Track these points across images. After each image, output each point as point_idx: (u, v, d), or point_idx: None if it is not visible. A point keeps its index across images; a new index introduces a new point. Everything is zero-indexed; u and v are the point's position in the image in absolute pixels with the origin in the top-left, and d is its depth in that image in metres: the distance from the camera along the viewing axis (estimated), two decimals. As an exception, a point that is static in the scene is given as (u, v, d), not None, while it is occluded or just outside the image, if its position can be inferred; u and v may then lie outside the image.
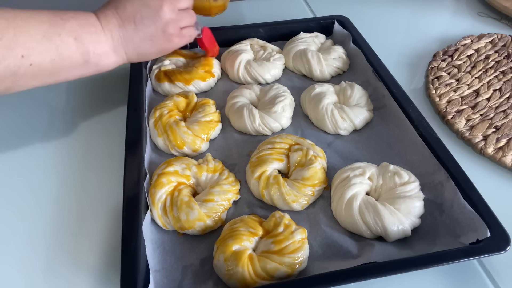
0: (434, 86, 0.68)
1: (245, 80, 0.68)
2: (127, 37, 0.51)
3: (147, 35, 0.52)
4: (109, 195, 0.53)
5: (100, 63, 0.50)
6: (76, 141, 0.61)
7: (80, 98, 0.68)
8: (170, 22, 0.53)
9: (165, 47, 0.55)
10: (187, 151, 0.56)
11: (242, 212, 0.50)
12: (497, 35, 0.79)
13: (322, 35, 0.76)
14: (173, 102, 0.60)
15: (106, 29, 0.49)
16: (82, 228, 0.50)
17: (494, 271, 0.46)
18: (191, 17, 0.57)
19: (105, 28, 0.49)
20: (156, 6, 0.51)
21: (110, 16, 0.49)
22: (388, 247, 0.45)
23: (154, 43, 0.53)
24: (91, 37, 0.47)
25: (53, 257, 0.47)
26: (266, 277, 0.42)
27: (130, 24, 0.50)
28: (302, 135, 0.60)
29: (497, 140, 0.59)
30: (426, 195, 0.49)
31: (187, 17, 0.56)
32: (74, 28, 0.46)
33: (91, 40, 0.48)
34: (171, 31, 0.53)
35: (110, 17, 0.49)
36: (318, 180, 0.50)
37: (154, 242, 0.47)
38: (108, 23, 0.49)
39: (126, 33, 0.50)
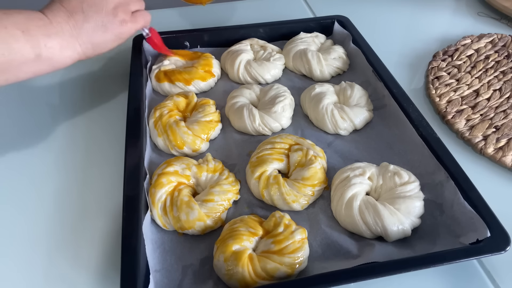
0: (434, 86, 0.68)
1: (245, 80, 0.68)
2: (78, 27, 0.49)
3: (98, 22, 0.50)
4: (109, 195, 0.53)
5: (54, 58, 0.47)
6: (76, 141, 0.61)
7: (80, 98, 0.68)
8: (119, 5, 0.52)
9: (119, 32, 0.53)
10: (187, 151, 0.56)
11: (242, 212, 0.50)
12: (497, 35, 0.79)
13: (322, 35, 0.76)
14: (173, 102, 0.60)
15: (54, 22, 0.47)
16: (82, 228, 0.50)
17: (494, 271, 0.46)
18: (139, 2, 0.56)
19: (53, 21, 0.47)
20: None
21: (56, 10, 0.48)
22: (388, 247, 0.45)
23: (107, 30, 0.51)
24: (40, 29, 0.45)
25: (53, 257, 0.47)
26: (266, 277, 0.42)
27: (78, 14, 0.49)
28: (302, 135, 0.60)
29: (497, 140, 0.59)
30: (426, 195, 0.49)
31: (135, 2, 0.55)
32: (20, 21, 0.44)
33: (41, 33, 0.45)
34: (121, 15, 0.52)
35: (56, 11, 0.48)
36: (318, 180, 0.50)
37: (154, 242, 0.47)
38: (55, 16, 0.47)
39: (76, 24, 0.48)
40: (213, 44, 0.75)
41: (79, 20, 0.49)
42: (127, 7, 0.53)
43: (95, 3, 0.50)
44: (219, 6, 0.91)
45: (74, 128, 0.63)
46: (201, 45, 0.75)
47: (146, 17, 0.57)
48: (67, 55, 0.49)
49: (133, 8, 0.55)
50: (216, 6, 0.91)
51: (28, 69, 0.46)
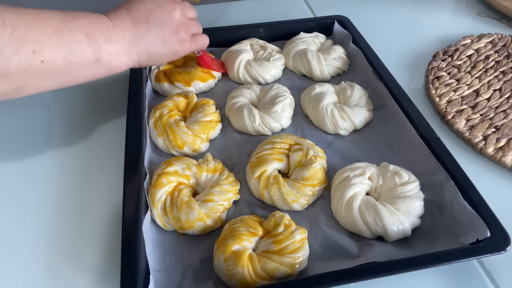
0: (434, 86, 0.68)
1: (245, 80, 0.68)
2: (140, 36, 0.50)
3: (159, 36, 0.52)
4: (109, 195, 0.53)
5: (112, 63, 0.48)
6: (76, 141, 0.61)
7: (80, 98, 0.68)
8: (182, 25, 0.54)
9: (176, 50, 0.54)
10: (187, 151, 0.56)
11: (242, 212, 0.50)
12: (497, 35, 0.79)
13: (322, 35, 0.76)
14: (173, 102, 0.60)
15: (118, 28, 0.48)
16: (82, 228, 0.50)
17: (494, 271, 0.46)
18: (199, 26, 0.59)
19: (117, 27, 0.48)
20: (169, 9, 0.52)
21: (122, 16, 0.49)
22: (388, 247, 0.45)
23: (166, 44, 0.53)
24: (103, 34, 0.46)
25: (53, 257, 0.47)
26: (266, 277, 0.42)
27: (143, 24, 0.50)
28: (302, 135, 0.60)
29: (497, 140, 0.59)
30: (426, 195, 0.49)
31: (196, 25, 0.58)
32: (85, 25, 0.45)
33: (103, 38, 0.46)
34: (182, 34, 0.54)
35: (122, 18, 0.49)
36: (318, 180, 0.50)
37: (154, 242, 0.47)
38: (120, 22, 0.48)
39: (139, 33, 0.50)
40: (213, 44, 0.75)
41: (142, 30, 0.50)
42: (189, 28, 0.55)
43: (161, 18, 0.51)
44: (219, 6, 0.92)
45: (74, 128, 0.63)
46: (201, 45, 0.75)
47: (204, 41, 0.60)
48: (124, 61, 0.50)
49: (193, 30, 0.57)
50: (216, 6, 0.91)
51: (88, 72, 0.47)
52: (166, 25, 0.52)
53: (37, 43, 0.40)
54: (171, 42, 0.53)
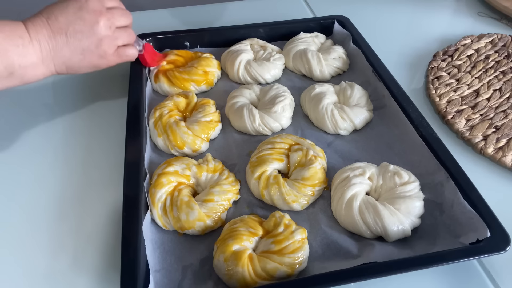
0: (434, 86, 0.68)
1: (245, 80, 0.68)
2: (57, 49, 0.49)
3: (77, 49, 0.50)
4: (109, 195, 0.53)
5: (25, 76, 0.48)
6: (76, 141, 0.61)
7: (80, 98, 0.68)
8: (105, 38, 0.51)
9: (97, 63, 0.53)
10: (187, 151, 0.56)
11: (242, 212, 0.50)
12: (497, 35, 0.79)
13: (322, 35, 0.76)
14: (173, 102, 0.60)
15: (34, 40, 0.47)
16: (82, 228, 0.50)
17: (494, 271, 0.46)
18: (129, 36, 0.56)
19: (33, 39, 0.47)
20: (92, 21, 0.50)
21: (40, 26, 0.48)
22: (388, 247, 0.45)
23: (85, 58, 0.51)
24: (17, 49, 0.46)
25: (53, 257, 0.47)
26: (266, 277, 0.42)
27: (61, 36, 0.48)
28: (302, 135, 0.60)
29: (497, 140, 0.59)
30: (426, 195, 0.49)
31: (125, 36, 0.55)
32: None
33: (17, 53, 0.46)
34: (105, 48, 0.52)
35: (39, 27, 0.47)
36: (318, 180, 0.50)
37: (154, 242, 0.47)
38: (37, 33, 0.47)
39: (56, 45, 0.48)
40: (213, 44, 0.75)
41: (60, 43, 0.49)
42: (114, 41, 0.53)
43: (81, 31, 0.49)
44: (219, 6, 0.92)
45: (74, 129, 0.63)
46: (201, 45, 0.75)
47: (130, 53, 0.57)
48: (40, 72, 0.49)
49: (120, 43, 0.54)
50: (216, 6, 0.91)
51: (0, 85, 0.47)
52: (87, 39, 0.50)
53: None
54: (91, 56, 0.51)
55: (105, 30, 0.51)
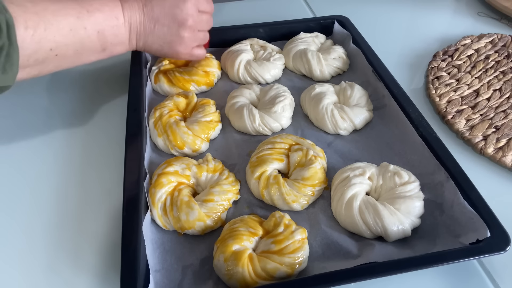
0: (434, 86, 0.68)
1: (245, 80, 0.68)
2: (143, 34, 0.54)
3: (160, 40, 0.55)
4: (109, 195, 0.53)
5: (114, 51, 0.53)
6: (76, 141, 0.61)
7: (80, 98, 0.68)
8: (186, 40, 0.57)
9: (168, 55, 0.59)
10: (187, 151, 0.56)
11: (242, 212, 0.50)
12: (497, 35, 0.79)
13: (322, 35, 0.76)
14: (173, 102, 0.60)
15: (127, 23, 0.52)
16: (82, 228, 0.50)
17: (494, 271, 0.46)
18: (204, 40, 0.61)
19: (126, 21, 0.52)
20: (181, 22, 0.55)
21: (136, 10, 0.52)
22: (388, 247, 0.45)
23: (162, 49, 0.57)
24: (112, 30, 0.50)
25: (53, 257, 0.47)
26: (266, 277, 0.42)
27: (150, 25, 0.53)
28: (302, 135, 0.60)
29: (497, 140, 0.59)
30: (426, 195, 0.49)
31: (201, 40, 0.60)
32: (99, 21, 0.49)
33: (111, 33, 0.51)
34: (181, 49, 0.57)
35: (134, 11, 0.52)
36: (318, 180, 0.50)
37: (154, 242, 0.47)
38: (130, 17, 0.52)
39: (143, 31, 0.54)
40: (213, 44, 0.75)
41: (147, 30, 0.54)
42: (191, 43, 0.58)
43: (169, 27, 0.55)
44: (219, 6, 0.91)
45: (74, 128, 0.63)
46: (201, 45, 0.75)
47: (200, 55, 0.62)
48: (124, 49, 0.55)
49: (194, 45, 0.60)
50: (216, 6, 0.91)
51: (93, 57, 0.52)
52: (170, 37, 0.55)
53: (54, 42, 0.45)
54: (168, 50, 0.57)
55: (189, 33, 0.56)
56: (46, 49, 0.44)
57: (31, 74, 0.46)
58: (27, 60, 0.42)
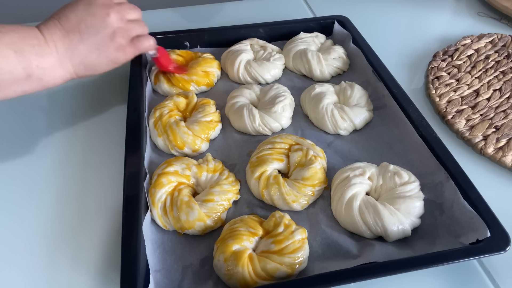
0: (434, 86, 0.68)
1: (245, 80, 0.68)
2: (73, 47, 0.48)
3: (93, 44, 0.49)
4: (109, 195, 0.53)
5: (44, 78, 0.47)
6: (76, 141, 0.61)
7: (80, 98, 0.68)
8: (118, 30, 0.51)
9: (115, 57, 0.52)
10: (187, 151, 0.56)
11: (242, 212, 0.50)
12: (497, 35, 0.79)
13: (322, 35, 0.76)
14: (173, 102, 0.60)
15: (49, 41, 0.46)
16: (82, 228, 0.50)
17: (494, 271, 0.46)
18: (142, 28, 0.55)
19: (48, 40, 0.46)
20: (102, 15, 0.49)
21: (53, 27, 0.47)
22: (388, 247, 0.46)
23: (101, 53, 0.50)
24: (33, 49, 0.45)
25: (53, 257, 0.47)
26: (266, 277, 0.42)
27: (74, 33, 0.48)
28: (302, 135, 0.60)
29: (497, 140, 0.59)
30: (426, 195, 0.49)
31: (138, 27, 0.54)
32: (14, 41, 0.44)
33: (34, 53, 0.45)
34: (119, 39, 0.51)
35: (53, 29, 0.47)
36: (318, 180, 0.50)
37: (154, 242, 0.47)
38: (51, 34, 0.47)
39: (71, 44, 0.48)
40: (213, 44, 0.75)
41: (74, 40, 0.48)
42: (127, 32, 0.52)
43: (93, 25, 0.49)
44: (219, 6, 0.92)
45: (74, 128, 0.63)
46: (201, 45, 0.75)
47: (147, 42, 0.55)
48: (59, 75, 0.48)
49: (133, 33, 0.53)
50: (216, 6, 0.91)
51: (18, 88, 0.46)
52: (99, 33, 0.49)
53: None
54: (107, 50, 0.50)
55: (117, 22, 0.51)
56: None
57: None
58: None
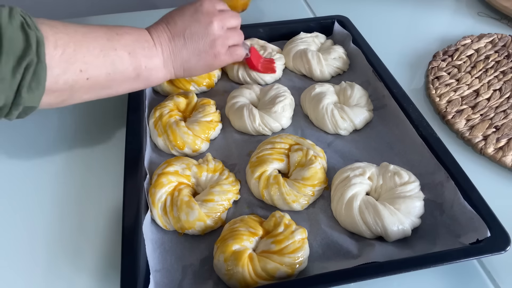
0: (434, 86, 0.68)
1: (245, 81, 0.68)
2: (176, 51, 0.51)
3: (195, 50, 0.53)
4: (109, 195, 0.53)
5: (150, 78, 0.50)
6: (76, 141, 0.61)
7: (80, 98, 0.68)
8: (218, 38, 0.54)
9: (211, 63, 0.55)
10: (187, 151, 0.56)
11: (242, 212, 0.50)
12: (497, 35, 0.79)
13: (322, 35, 0.76)
14: (173, 102, 0.60)
15: (157, 44, 0.50)
16: (82, 228, 0.50)
17: (494, 271, 0.46)
18: (239, 36, 0.58)
19: (156, 43, 0.50)
20: (206, 22, 0.52)
21: (161, 31, 0.51)
22: (388, 247, 0.46)
23: (201, 59, 0.53)
24: (143, 52, 0.48)
25: (53, 257, 0.47)
26: (266, 277, 0.42)
27: (179, 39, 0.51)
28: (302, 135, 0.60)
29: (497, 140, 0.59)
30: (426, 195, 0.49)
31: (235, 36, 0.57)
32: (129, 43, 0.47)
33: (144, 55, 0.48)
34: (218, 48, 0.54)
35: (161, 32, 0.51)
36: (318, 180, 0.50)
37: (154, 242, 0.47)
38: (159, 38, 0.50)
39: (175, 48, 0.51)
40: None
41: (179, 45, 0.51)
42: (226, 41, 0.55)
43: (197, 32, 0.52)
44: (219, 6, 0.91)
45: (73, 129, 0.63)
46: (201, 45, 0.75)
47: (240, 53, 0.59)
48: (161, 75, 0.52)
49: (231, 43, 0.56)
50: (216, 6, 0.91)
51: (127, 86, 0.49)
52: (202, 40, 0.52)
53: (84, 62, 0.42)
54: (206, 57, 0.54)
55: (218, 30, 0.53)
56: (76, 70, 0.42)
57: (59, 99, 0.43)
58: (56, 82, 0.40)
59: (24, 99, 0.38)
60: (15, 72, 0.36)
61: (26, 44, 0.37)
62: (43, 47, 0.38)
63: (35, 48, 0.37)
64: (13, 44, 0.36)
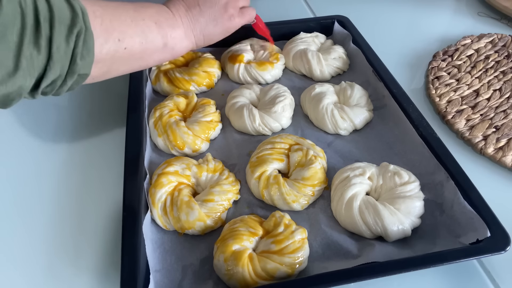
0: (434, 86, 0.68)
1: (245, 80, 0.68)
2: (194, 20, 0.55)
3: (210, 16, 0.56)
4: (109, 195, 0.53)
5: (175, 47, 0.53)
6: (76, 141, 0.61)
7: (80, 98, 0.68)
8: (229, 2, 0.58)
9: (227, 26, 0.58)
10: (187, 151, 0.56)
11: (242, 212, 0.50)
12: (497, 35, 0.79)
13: (322, 35, 0.76)
14: (173, 102, 0.60)
15: (176, 15, 0.53)
16: (82, 228, 0.50)
17: (494, 271, 0.46)
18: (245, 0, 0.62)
19: (175, 15, 0.53)
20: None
21: (178, 4, 0.54)
22: (388, 247, 0.46)
23: (217, 24, 0.57)
24: (167, 21, 0.52)
25: (53, 257, 0.47)
26: (266, 277, 0.42)
27: (195, 8, 0.55)
28: (302, 135, 0.60)
29: (497, 140, 0.59)
30: (426, 195, 0.49)
31: None
32: (153, 14, 0.50)
33: (168, 25, 0.51)
34: (231, 10, 0.58)
35: (178, 5, 0.54)
36: (318, 180, 0.50)
37: (154, 242, 0.47)
38: (177, 10, 0.54)
39: (193, 17, 0.55)
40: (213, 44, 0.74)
41: (196, 14, 0.55)
42: (236, 3, 0.59)
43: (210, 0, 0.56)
44: (219, 6, 0.91)
45: (73, 129, 0.63)
46: (201, 45, 0.75)
47: (251, 13, 0.63)
48: (185, 45, 0.55)
49: (240, 4, 0.60)
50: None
51: (157, 56, 0.52)
52: (215, 5, 0.56)
53: (120, 32, 0.45)
54: (222, 20, 0.57)
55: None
56: (115, 40, 0.44)
57: (102, 71, 0.45)
58: (100, 51, 0.42)
59: (79, 66, 0.39)
60: (68, 40, 0.37)
61: (73, 13, 0.38)
62: (87, 16, 0.40)
63: (81, 17, 0.39)
64: (62, 14, 0.37)
